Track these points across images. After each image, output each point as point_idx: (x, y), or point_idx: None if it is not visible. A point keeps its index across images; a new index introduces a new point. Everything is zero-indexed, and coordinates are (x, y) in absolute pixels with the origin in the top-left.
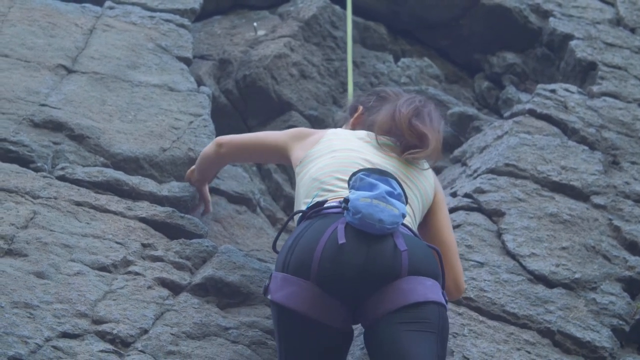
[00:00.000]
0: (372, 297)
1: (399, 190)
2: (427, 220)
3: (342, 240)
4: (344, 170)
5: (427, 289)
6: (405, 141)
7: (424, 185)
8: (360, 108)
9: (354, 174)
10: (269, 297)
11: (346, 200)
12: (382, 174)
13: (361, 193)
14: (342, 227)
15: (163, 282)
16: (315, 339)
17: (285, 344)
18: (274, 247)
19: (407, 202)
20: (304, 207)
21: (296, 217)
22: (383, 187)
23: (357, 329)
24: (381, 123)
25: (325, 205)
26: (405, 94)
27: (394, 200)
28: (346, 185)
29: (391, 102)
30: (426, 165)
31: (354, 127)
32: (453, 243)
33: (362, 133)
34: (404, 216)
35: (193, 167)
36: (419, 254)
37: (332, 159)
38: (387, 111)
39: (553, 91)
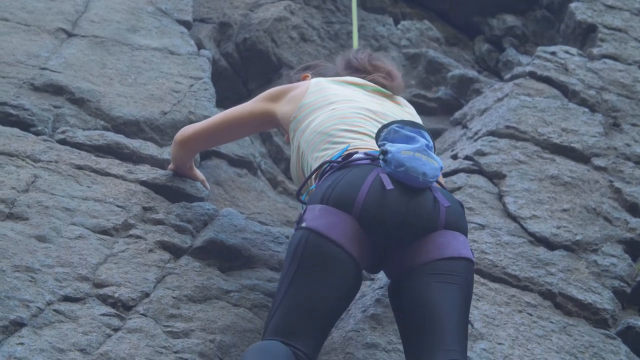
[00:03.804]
0: (407, 247)
1: (432, 142)
2: None
3: (389, 186)
4: (348, 121)
5: (460, 245)
6: (370, 79)
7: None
8: (307, 75)
9: (385, 125)
10: (303, 225)
11: (382, 152)
12: (415, 126)
13: (401, 146)
14: (386, 175)
15: (164, 246)
16: (335, 275)
17: (298, 278)
18: (298, 195)
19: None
20: (315, 162)
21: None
22: (422, 140)
23: (359, 291)
24: (340, 71)
25: (354, 157)
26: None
27: (432, 153)
28: (356, 135)
29: (330, 63)
30: (410, 106)
31: None
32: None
33: (349, 78)
34: (441, 169)
35: (171, 165)
36: (455, 209)
37: (333, 110)
38: (341, 62)
39: (553, 53)
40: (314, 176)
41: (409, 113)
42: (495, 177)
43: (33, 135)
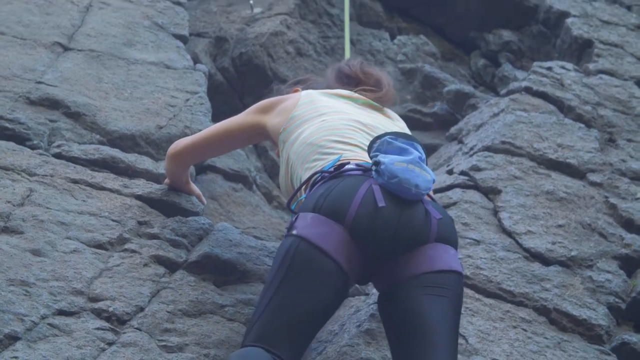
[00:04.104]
0: (397, 259)
1: (424, 154)
2: None
3: (381, 202)
4: (339, 132)
5: (450, 258)
6: (361, 86)
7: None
8: (298, 89)
9: (379, 137)
10: (294, 232)
11: (376, 163)
12: (408, 138)
13: (395, 157)
14: (378, 188)
15: (159, 260)
16: (323, 285)
17: (286, 285)
18: (288, 205)
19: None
20: (305, 173)
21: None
22: (415, 152)
23: (354, 306)
24: (332, 81)
25: (346, 168)
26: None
27: (425, 165)
28: (347, 147)
29: (321, 77)
30: (401, 120)
31: None
32: None
33: (339, 91)
34: (434, 181)
35: (167, 179)
36: (446, 222)
37: (323, 122)
38: (332, 73)
39: (549, 69)
40: (304, 187)
41: (400, 127)
42: (490, 192)
43: (29, 149)
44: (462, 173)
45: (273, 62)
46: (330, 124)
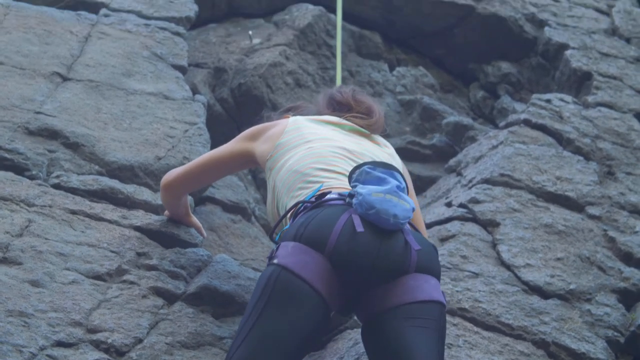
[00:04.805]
0: (377, 289)
1: (404, 183)
2: None
3: (360, 228)
4: (324, 160)
5: (432, 288)
6: (352, 113)
7: (396, 167)
8: (288, 116)
9: (357, 166)
10: (275, 261)
11: (351, 195)
12: (386, 167)
13: (372, 188)
14: (358, 217)
15: (158, 291)
16: (304, 314)
17: (267, 313)
18: (271, 236)
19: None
20: (291, 201)
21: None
22: (393, 182)
23: (352, 339)
24: (322, 108)
25: (327, 197)
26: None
27: (404, 195)
28: (331, 175)
29: (311, 103)
30: (390, 146)
31: None
32: (420, 215)
33: (327, 117)
34: (413, 210)
35: (167, 211)
36: (426, 252)
37: (309, 150)
38: (324, 99)
39: (548, 101)
40: (288, 215)
41: (388, 153)
42: (489, 225)
43: (27, 179)
44: (461, 205)
45: (272, 92)
46: (316, 151)
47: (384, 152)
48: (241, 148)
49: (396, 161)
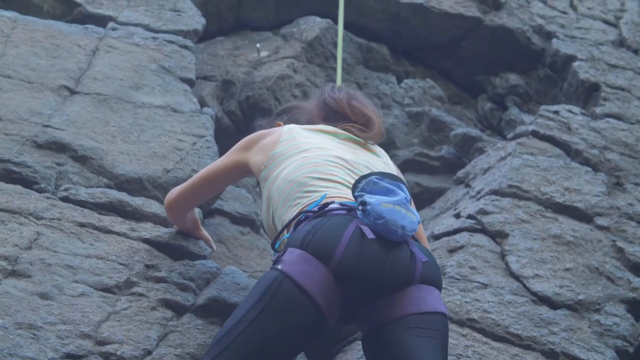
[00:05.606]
0: (381, 300)
1: (409, 195)
2: None
3: (371, 235)
4: (321, 169)
5: (435, 299)
6: (349, 124)
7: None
8: (280, 123)
9: (364, 176)
10: (279, 267)
11: (362, 203)
12: (394, 179)
13: (381, 198)
14: (367, 227)
15: (167, 303)
16: (299, 324)
17: (262, 319)
18: (272, 246)
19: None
20: (288, 212)
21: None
22: (402, 194)
23: (362, 350)
24: (315, 115)
25: (330, 207)
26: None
27: (411, 207)
28: (329, 184)
29: (307, 102)
30: (385, 154)
31: None
32: (421, 226)
33: (322, 127)
34: (419, 222)
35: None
36: (431, 264)
37: (305, 159)
38: (316, 104)
39: (556, 112)
40: (287, 227)
41: (384, 162)
42: (498, 236)
43: (36, 192)
44: (470, 217)
45: (280, 105)
46: (312, 160)
47: (380, 160)
48: (235, 160)
49: (391, 170)
